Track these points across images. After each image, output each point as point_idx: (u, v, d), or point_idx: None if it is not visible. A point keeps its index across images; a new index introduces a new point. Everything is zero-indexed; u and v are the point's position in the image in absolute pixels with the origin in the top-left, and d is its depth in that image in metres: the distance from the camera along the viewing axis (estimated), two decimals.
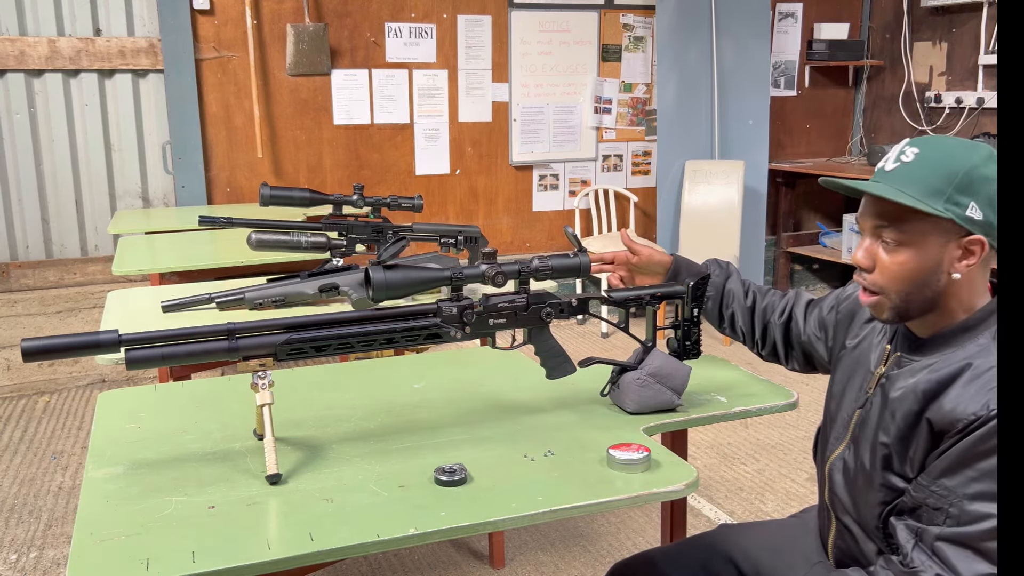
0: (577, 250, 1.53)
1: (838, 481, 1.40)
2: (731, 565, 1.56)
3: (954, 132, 5.27)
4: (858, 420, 1.37)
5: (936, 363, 1.26)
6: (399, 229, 2.38)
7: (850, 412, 1.40)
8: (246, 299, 2.15)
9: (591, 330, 5.14)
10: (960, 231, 1.21)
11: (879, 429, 1.31)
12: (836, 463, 1.41)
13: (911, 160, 1.24)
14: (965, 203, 1.20)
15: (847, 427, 1.40)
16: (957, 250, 1.22)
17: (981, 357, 1.22)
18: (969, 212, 1.20)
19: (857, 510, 1.36)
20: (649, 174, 5.57)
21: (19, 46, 4.28)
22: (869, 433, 1.33)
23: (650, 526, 2.88)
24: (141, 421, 1.63)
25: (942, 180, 1.21)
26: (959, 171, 1.20)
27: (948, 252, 1.23)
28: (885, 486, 1.29)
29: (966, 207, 1.20)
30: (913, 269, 1.24)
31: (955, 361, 1.24)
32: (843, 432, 1.41)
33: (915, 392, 1.26)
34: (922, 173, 1.22)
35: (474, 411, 1.66)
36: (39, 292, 4.37)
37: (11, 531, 2.90)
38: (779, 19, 5.69)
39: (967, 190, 1.20)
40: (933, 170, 1.22)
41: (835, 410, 1.45)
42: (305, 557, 1.16)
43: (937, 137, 1.27)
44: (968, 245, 1.22)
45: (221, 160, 4.66)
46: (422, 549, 2.75)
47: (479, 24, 5.02)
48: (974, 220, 1.20)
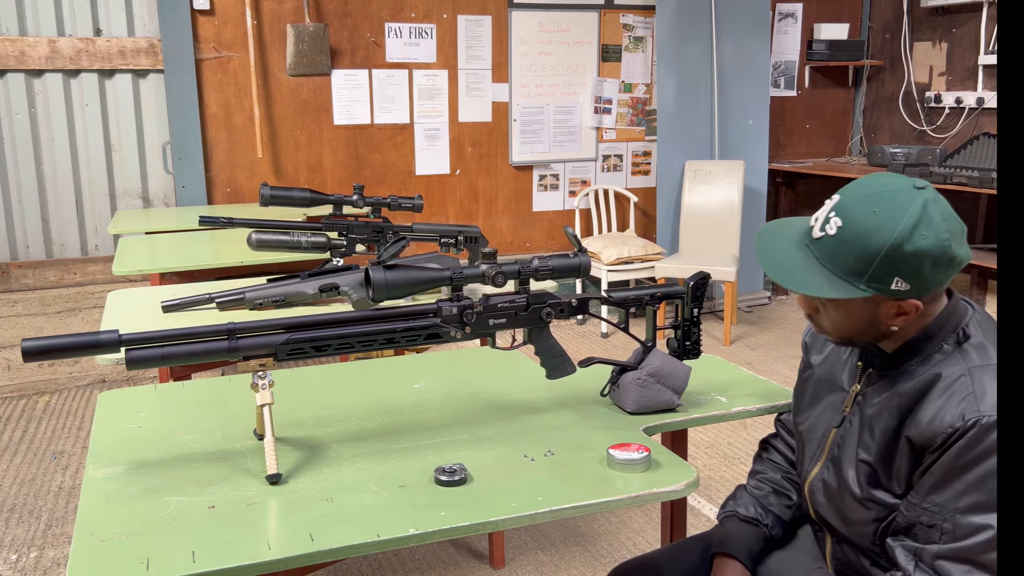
0: (577, 250, 1.53)
1: (821, 502, 1.40)
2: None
3: (954, 132, 5.28)
4: (835, 439, 1.37)
5: (905, 375, 1.27)
6: (399, 229, 2.38)
7: (825, 430, 1.40)
8: (246, 299, 2.15)
9: (591, 330, 5.14)
10: (892, 295, 1.22)
11: (859, 448, 1.32)
12: (815, 484, 1.41)
13: (834, 234, 1.23)
14: (888, 279, 1.20)
15: (822, 446, 1.40)
16: (892, 309, 1.24)
17: (948, 365, 1.23)
18: (894, 286, 1.20)
19: (848, 528, 1.36)
20: (649, 174, 5.57)
21: (19, 46, 4.28)
22: (850, 452, 1.33)
23: (650, 526, 2.88)
24: (141, 421, 1.63)
25: (861, 263, 1.20)
26: (877, 253, 1.19)
27: (882, 311, 1.24)
28: (875, 503, 1.29)
29: (890, 283, 1.20)
30: (852, 324, 1.27)
31: (923, 373, 1.25)
32: (818, 451, 1.41)
33: (889, 408, 1.27)
34: (842, 252, 1.22)
35: (474, 411, 1.66)
36: (39, 292, 4.37)
37: (11, 531, 2.90)
38: (779, 19, 5.69)
39: (889, 270, 1.19)
40: (851, 251, 1.21)
41: (807, 429, 1.45)
42: (305, 557, 1.16)
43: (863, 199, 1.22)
44: (900, 308, 1.23)
45: (221, 160, 4.66)
46: (422, 549, 2.75)
47: (479, 24, 5.02)
48: (901, 292, 1.21)
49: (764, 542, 1.51)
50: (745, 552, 1.48)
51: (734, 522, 1.53)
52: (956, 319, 1.27)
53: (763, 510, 1.53)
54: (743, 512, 1.53)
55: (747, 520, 1.52)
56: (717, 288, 5.43)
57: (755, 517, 1.52)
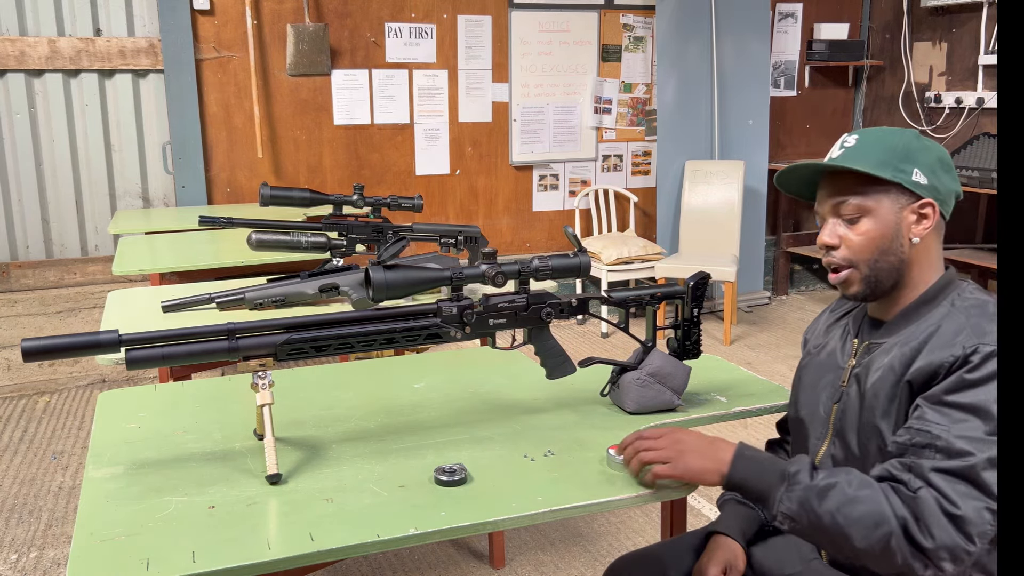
0: (577, 250, 1.53)
1: None
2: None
3: (954, 132, 5.28)
4: (837, 414, 1.40)
5: (903, 338, 1.32)
6: (399, 229, 2.38)
7: (827, 409, 1.43)
8: (246, 299, 2.15)
9: (591, 330, 5.14)
10: (911, 197, 1.32)
11: (862, 412, 1.34)
12: (824, 461, 1.42)
13: (854, 144, 1.36)
14: (909, 170, 1.32)
15: (826, 424, 1.43)
16: (912, 215, 1.33)
17: (947, 321, 1.29)
18: (915, 177, 1.32)
19: None
20: (649, 174, 5.57)
21: (19, 46, 4.28)
22: (852, 420, 1.36)
23: (650, 526, 2.88)
24: (141, 421, 1.63)
25: (885, 153, 1.33)
26: (898, 145, 1.33)
27: (904, 218, 1.33)
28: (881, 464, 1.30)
29: (911, 173, 1.32)
30: (876, 236, 1.33)
31: (922, 330, 1.30)
32: (823, 430, 1.43)
33: (892, 368, 1.31)
34: (866, 151, 1.34)
35: (474, 411, 1.66)
36: (39, 292, 4.37)
37: (11, 531, 2.90)
38: (779, 19, 5.69)
39: (908, 159, 1.32)
40: (875, 147, 1.34)
41: (809, 414, 1.47)
42: (305, 557, 1.16)
43: (871, 128, 1.40)
44: (920, 209, 1.33)
45: (221, 160, 4.66)
46: (422, 549, 2.75)
47: (479, 24, 5.02)
48: (920, 184, 1.32)
49: (759, 525, 1.55)
50: (738, 531, 1.53)
51: (731, 505, 1.58)
52: (952, 287, 1.35)
53: None
54: (739, 496, 1.57)
55: (743, 503, 1.57)
56: (717, 288, 5.43)
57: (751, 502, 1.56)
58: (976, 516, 1.15)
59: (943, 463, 1.18)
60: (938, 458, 1.19)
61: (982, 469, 1.16)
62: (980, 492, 1.16)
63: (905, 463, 1.22)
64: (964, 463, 1.17)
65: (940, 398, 1.22)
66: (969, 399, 1.19)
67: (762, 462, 1.31)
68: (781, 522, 1.26)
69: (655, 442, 1.35)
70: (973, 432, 1.18)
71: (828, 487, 1.22)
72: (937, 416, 1.21)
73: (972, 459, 1.16)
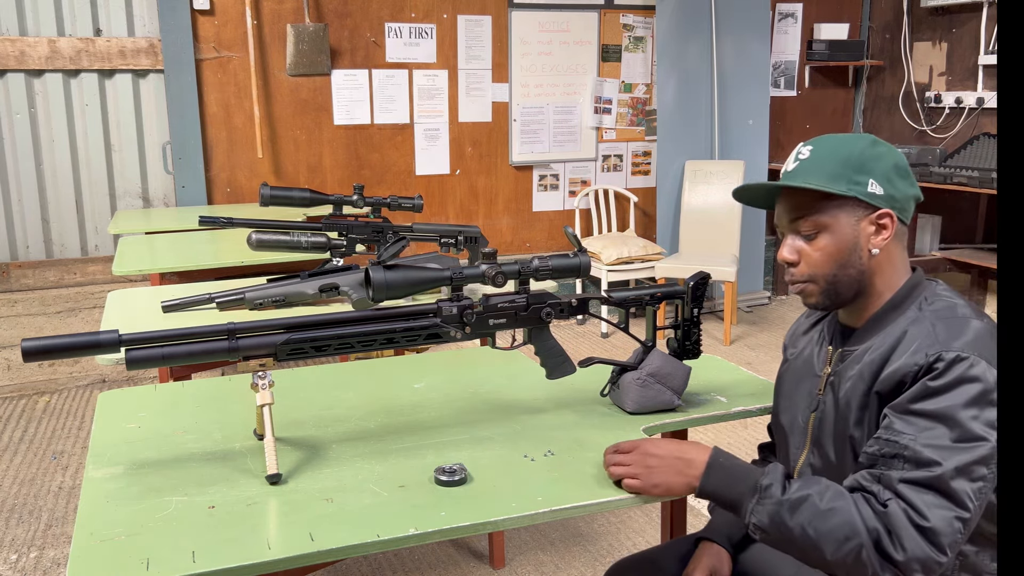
0: (577, 250, 1.53)
1: None
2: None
3: (954, 132, 5.28)
4: (815, 423, 1.40)
5: (873, 345, 1.32)
6: (399, 229, 2.38)
7: (804, 418, 1.43)
8: (246, 299, 2.15)
9: (591, 330, 5.14)
10: (867, 208, 1.31)
11: (837, 421, 1.34)
12: (804, 470, 1.43)
13: (808, 156, 1.34)
14: (864, 181, 1.30)
15: (805, 433, 1.43)
16: (870, 226, 1.32)
17: (913, 327, 1.28)
18: (870, 188, 1.31)
19: None
20: (649, 174, 5.57)
21: (19, 46, 4.28)
22: (828, 429, 1.36)
23: (650, 526, 2.88)
24: (141, 421, 1.63)
25: (839, 166, 1.31)
26: (851, 156, 1.31)
27: (862, 230, 1.32)
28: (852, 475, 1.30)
29: (866, 184, 1.30)
30: (834, 252, 1.32)
31: (890, 337, 1.30)
32: (802, 439, 1.44)
33: (862, 377, 1.31)
34: (820, 164, 1.32)
35: (474, 411, 1.66)
36: (39, 292, 4.37)
37: (11, 531, 2.90)
38: (779, 19, 5.69)
39: (862, 169, 1.31)
40: (829, 160, 1.32)
41: (789, 422, 1.47)
42: (305, 557, 1.16)
43: (826, 136, 1.38)
44: (878, 220, 1.31)
45: (221, 160, 4.66)
46: (422, 549, 2.75)
47: (479, 24, 5.02)
48: (876, 195, 1.31)
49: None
50: (724, 536, 1.54)
51: (719, 511, 1.59)
52: (919, 289, 1.34)
53: None
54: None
55: None
56: (717, 288, 5.43)
57: None
58: (945, 526, 1.15)
59: (911, 473, 1.18)
60: (907, 468, 1.19)
61: (950, 478, 1.16)
62: (949, 501, 1.16)
63: (875, 474, 1.22)
64: (931, 473, 1.17)
65: (906, 407, 1.22)
66: (933, 407, 1.19)
67: (734, 472, 1.29)
68: (752, 532, 1.26)
69: (624, 456, 1.34)
70: (939, 440, 1.18)
71: (800, 500, 1.21)
72: (904, 426, 1.21)
73: (939, 468, 1.16)
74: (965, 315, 1.27)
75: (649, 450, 1.33)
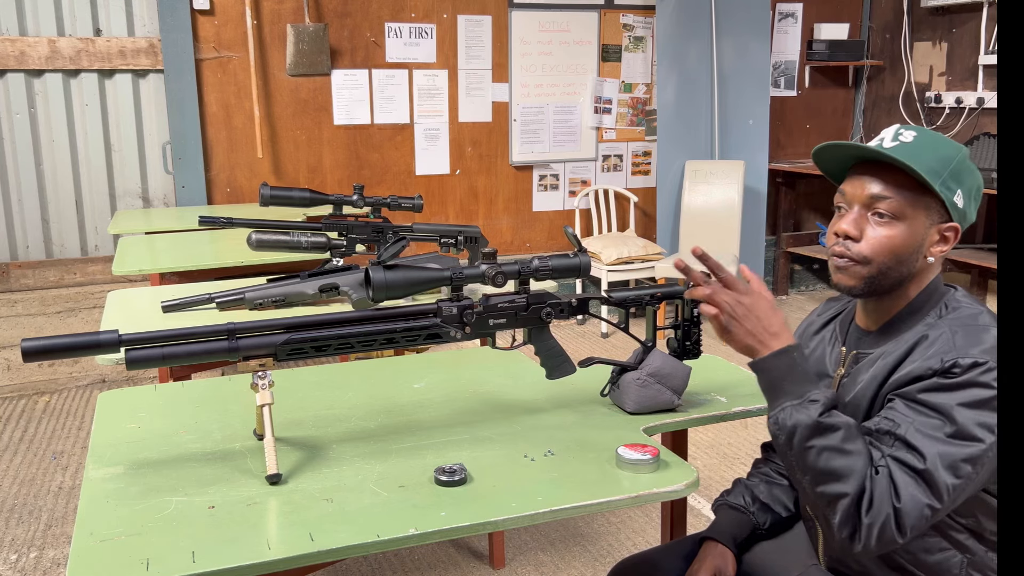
0: (577, 250, 1.53)
1: None
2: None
3: (954, 132, 5.28)
4: None
5: (888, 349, 1.31)
6: (399, 229, 2.38)
7: None
8: (246, 299, 2.15)
9: (591, 330, 5.14)
10: (943, 215, 1.28)
11: None
12: None
13: (911, 141, 1.29)
14: (954, 189, 1.27)
15: None
16: (936, 235, 1.30)
17: (931, 332, 1.27)
18: (956, 198, 1.28)
19: None
20: (649, 174, 5.57)
21: (19, 46, 4.28)
22: None
23: (650, 526, 2.88)
24: (141, 421, 1.63)
25: (940, 163, 1.27)
26: (953, 158, 1.28)
27: (930, 235, 1.29)
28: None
29: (955, 192, 1.28)
30: (900, 243, 1.28)
31: (907, 342, 1.29)
32: None
33: (875, 379, 1.30)
34: (923, 153, 1.27)
35: (474, 411, 1.66)
36: (39, 292, 4.37)
37: (11, 531, 2.90)
38: (779, 19, 5.69)
39: (957, 177, 1.27)
40: (932, 153, 1.27)
41: None
42: (305, 557, 1.16)
43: (924, 128, 1.33)
44: (945, 232, 1.29)
45: (221, 160, 4.66)
46: (422, 549, 2.75)
47: (479, 24, 5.02)
48: (957, 207, 1.28)
49: (751, 529, 1.55)
50: (728, 536, 1.54)
51: (724, 510, 1.59)
52: (939, 295, 1.33)
53: (751, 499, 1.57)
54: (732, 500, 1.59)
55: (735, 507, 1.58)
56: None
57: (743, 505, 1.57)
58: (915, 511, 1.16)
59: (898, 452, 1.20)
60: (896, 447, 1.20)
61: (933, 468, 1.17)
62: (927, 489, 1.17)
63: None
64: (915, 458, 1.18)
65: (913, 396, 1.23)
66: (937, 400, 1.20)
67: (795, 370, 1.26)
68: (771, 427, 1.26)
69: (724, 292, 1.30)
70: (932, 430, 1.19)
71: (829, 428, 1.21)
72: (905, 410, 1.22)
73: (924, 456, 1.17)
74: (986, 324, 1.26)
75: (746, 302, 1.29)
